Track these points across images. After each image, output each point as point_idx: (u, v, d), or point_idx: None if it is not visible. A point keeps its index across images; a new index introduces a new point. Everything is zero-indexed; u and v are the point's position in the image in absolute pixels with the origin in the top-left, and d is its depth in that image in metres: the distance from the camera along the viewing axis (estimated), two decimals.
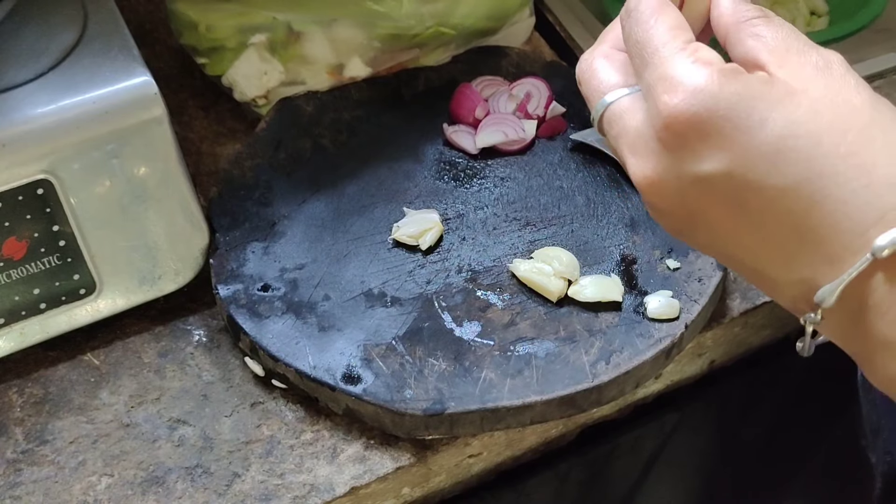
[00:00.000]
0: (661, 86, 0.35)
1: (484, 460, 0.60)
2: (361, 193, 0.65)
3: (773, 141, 0.33)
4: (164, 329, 0.61)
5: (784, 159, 0.33)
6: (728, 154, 0.33)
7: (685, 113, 0.34)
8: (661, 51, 0.35)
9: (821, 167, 0.32)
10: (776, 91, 0.34)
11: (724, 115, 0.33)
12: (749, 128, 0.33)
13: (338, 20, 0.67)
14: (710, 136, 0.33)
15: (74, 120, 0.55)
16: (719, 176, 0.34)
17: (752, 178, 0.33)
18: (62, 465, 0.55)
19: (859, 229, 0.32)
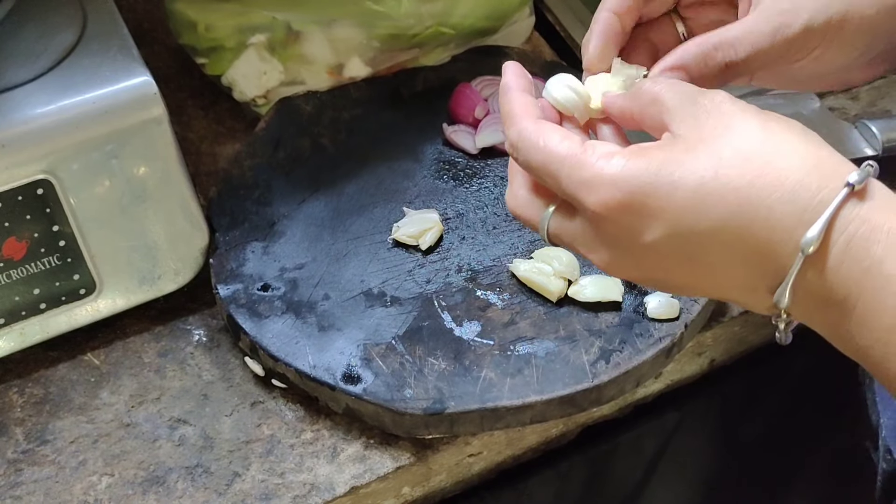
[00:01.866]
0: (583, 190, 0.39)
1: (484, 459, 0.60)
2: (361, 193, 0.65)
3: (690, 195, 0.37)
4: (164, 329, 0.61)
5: (704, 207, 0.37)
6: (661, 220, 0.38)
7: (614, 202, 0.38)
8: (568, 161, 0.40)
9: (736, 200, 0.37)
10: (677, 151, 0.38)
11: (644, 191, 0.38)
12: (667, 193, 0.38)
13: (337, 20, 0.67)
14: (640, 212, 0.38)
15: (74, 120, 0.55)
16: (661, 241, 0.38)
17: (686, 232, 0.38)
18: (63, 465, 0.55)
19: (787, 235, 0.36)
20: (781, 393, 0.78)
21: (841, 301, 0.36)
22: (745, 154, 0.37)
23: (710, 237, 0.37)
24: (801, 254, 0.36)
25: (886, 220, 0.36)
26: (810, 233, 0.36)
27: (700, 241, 0.38)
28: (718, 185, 0.37)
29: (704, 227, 0.37)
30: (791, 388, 0.78)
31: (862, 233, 0.36)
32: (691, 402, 0.70)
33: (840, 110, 0.75)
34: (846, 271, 0.36)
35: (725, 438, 0.78)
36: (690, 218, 0.37)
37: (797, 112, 0.70)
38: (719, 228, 0.37)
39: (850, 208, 0.36)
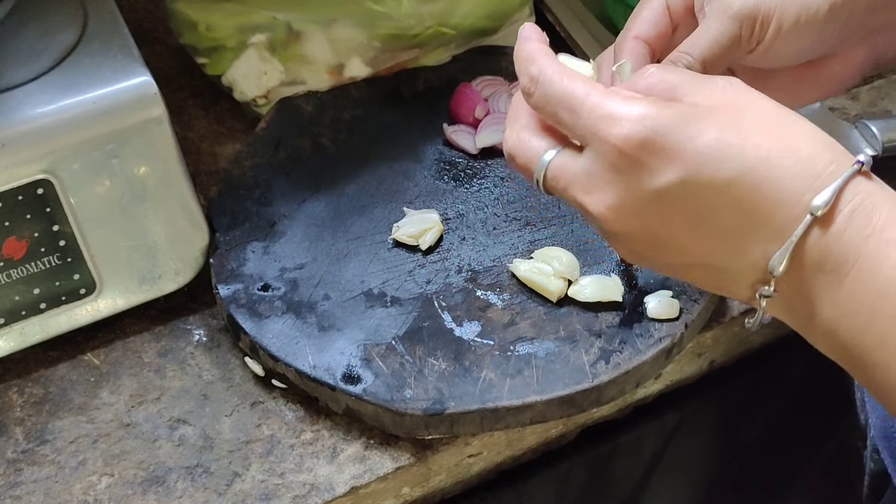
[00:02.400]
0: (605, 123, 0.40)
1: (484, 460, 0.60)
2: (361, 193, 0.65)
3: (712, 144, 0.38)
4: (164, 329, 0.61)
5: (723, 157, 0.38)
6: (678, 164, 0.39)
7: (636, 137, 0.39)
8: (591, 97, 0.41)
9: (754, 156, 0.38)
10: (700, 108, 0.40)
11: (668, 132, 0.39)
12: (690, 139, 0.39)
13: (338, 20, 0.67)
14: (660, 152, 0.39)
15: (74, 120, 0.55)
16: (675, 185, 0.39)
17: (702, 180, 0.39)
18: (62, 465, 0.55)
19: (796, 198, 0.38)
20: (781, 394, 0.78)
21: (837, 267, 0.38)
22: (764, 123, 0.39)
23: (722, 191, 0.38)
24: (809, 216, 0.37)
25: (889, 197, 0.38)
26: (821, 197, 0.37)
27: (712, 195, 0.39)
28: (739, 139, 0.38)
29: (720, 179, 0.38)
30: (791, 389, 0.78)
31: (867, 204, 0.38)
32: (691, 403, 0.70)
33: (840, 110, 0.75)
34: (848, 237, 0.37)
35: (725, 439, 0.78)
36: (708, 168, 0.38)
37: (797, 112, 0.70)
38: (734, 180, 0.38)
39: (858, 182, 0.38)
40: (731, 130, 0.39)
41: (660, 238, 0.41)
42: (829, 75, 0.51)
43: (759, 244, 0.39)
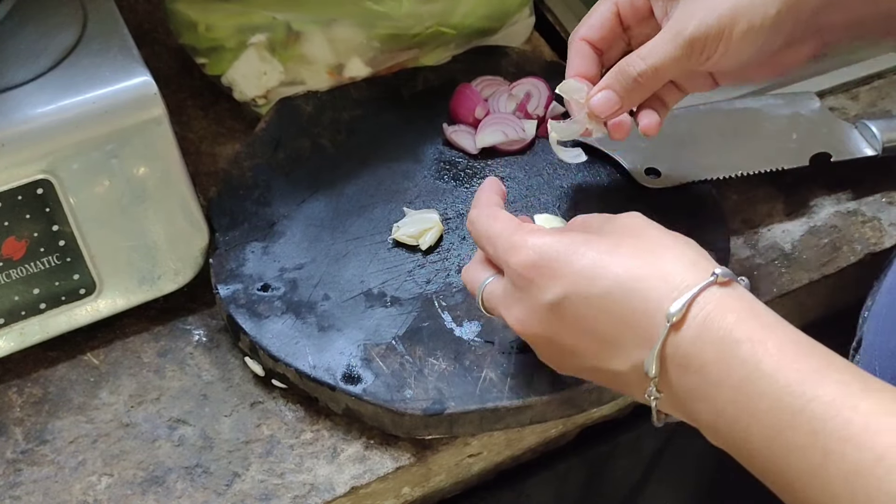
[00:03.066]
0: (510, 253, 0.48)
1: (483, 460, 0.60)
2: (361, 193, 0.65)
3: (587, 265, 0.46)
4: (163, 329, 0.61)
5: (597, 275, 0.45)
6: (561, 281, 0.46)
7: (529, 260, 0.47)
8: (503, 234, 0.49)
9: (623, 274, 0.45)
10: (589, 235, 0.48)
11: (554, 256, 0.47)
12: (570, 261, 0.46)
13: (337, 20, 0.67)
14: (547, 273, 0.47)
15: (74, 120, 0.55)
16: (560, 299, 0.46)
17: (580, 293, 0.46)
18: (62, 465, 0.55)
19: (657, 309, 0.43)
20: None
21: (699, 368, 0.42)
22: (638, 248, 0.46)
23: (597, 301, 0.45)
24: (667, 322, 0.43)
25: (737, 303, 0.43)
26: (675, 305, 0.43)
27: (590, 306, 0.45)
28: (611, 261, 0.45)
29: (594, 291, 0.45)
30: None
31: (718, 310, 0.42)
32: None
33: (840, 110, 0.75)
34: (704, 340, 0.42)
35: None
36: (584, 283, 0.46)
37: (796, 112, 0.70)
38: (605, 294, 0.45)
39: (712, 293, 0.43)
40: (607, 255, 0.46)
41: (559, 344, 0.48)
42: (777, 64, 0.57)
43: (635, 349, 0.45)
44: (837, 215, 0.68)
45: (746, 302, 0.43)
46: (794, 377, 0.40)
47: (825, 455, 0.38)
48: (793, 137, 0.68)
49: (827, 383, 0.40)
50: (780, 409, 0.40)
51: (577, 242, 0.47)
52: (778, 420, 0.40)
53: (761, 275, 0.65)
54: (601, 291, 0.45)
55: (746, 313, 0.42)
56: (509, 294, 0.49)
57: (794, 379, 0.40)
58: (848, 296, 0.67)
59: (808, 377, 0.40)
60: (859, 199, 0.69)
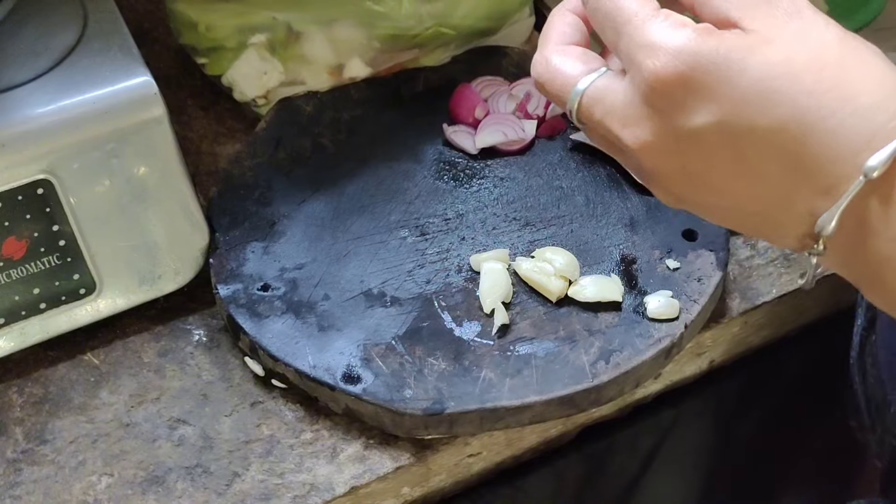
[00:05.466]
0: (643, 52, 0.36)
1: (483, 460, 0.60)
2: (361, 193, 0.65)
3: (755, 85, 0.35)
4: (163, 329, 0.61)
5: (768, 101, 0.35)
6: (716, 105, 0.35)
7: (671, 73, 0.35)
8: (634, 19, 0.37)
9: (805, 103, 0.34)
10: (750, 40, 0.35)
11: (707, 69, 0.35)
12: (730, 78, 0.35)
13: (338, 20, 0.67)
14: (696, 91, 0.35)
15: (74, 120, 0.55)
16: (712, 127, 0.35)
17: (741, 124, 0.35)
18: (62, 465, 0.55)
19: (850, 155, 0.34)
20: (779, 394, 0.78)
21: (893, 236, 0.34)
22: (823, 61, 0.35)
23: (766, 136, 0.35)
24: (862, 177, 0.34)
25: None
26: (877, 157, 0.33)
27: (754, 139, 0.35)
28: (789, 82, 0.35)
29: (764, 123, 0.35)
30: (788, 389, 0.78)
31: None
32: (689, 402, 0.70)
33: None
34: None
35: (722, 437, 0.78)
36: (751, 110, 0.35)
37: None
38: (779, 129, 0.35)
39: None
40: (782, 69, 0.35)
41: (698, 180, 0.37)
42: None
43: (807, 199, 0.35)
44: None
45: None
46: None
47: None
48: None
49: None
50: None
51: (739, 51, 0.35)
52: None
53: (761, 275, 0.65)
54: (773, 124, 0.34)
55: None
56: (632, 106, 0.37)
57: None
58: (848, 296, 0.67)
59: None
60: None
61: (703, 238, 0.63)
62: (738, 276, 0.65)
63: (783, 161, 0.35)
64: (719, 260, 0.61)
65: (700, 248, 0.62)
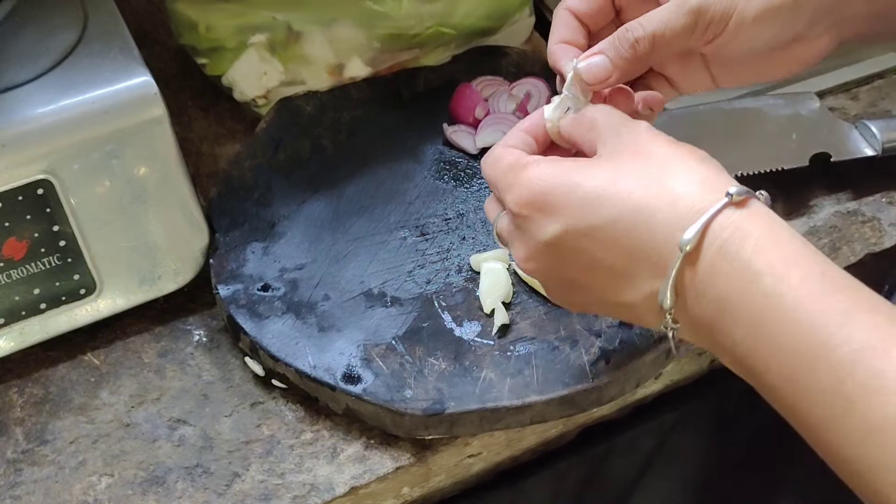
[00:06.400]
0: (506, 192, 0.46)
1: (483, 460, 0.60)
2: (361, 194, 0.65)
3: (586, 194, 0.43)
4: (164, 329, 0.61)
5: (598, 204, 0.42)
6: (560, 216, 0.43)
7: (522, 199, 0.45)
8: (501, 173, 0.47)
9: (625, 203, 0.42)
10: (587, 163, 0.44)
11: (548, 189, 0.44)
12: (566, 193, 0.43)
13: (337, 20, 0.67)
14: (544, 209, 0.44)
15: (74, 120, 0.55)
16: (561, 234, 0.44)
17: (582, 227, 0.43)
18: (62, 465, 0.55)
19: (670, 237, 0.40)
20: None
21: (716, 300, 0.40)
22: (642, 170, 0.42)
23: (600, 233, 0.42)
24: (679, 252, 0.40)
25: (757, 228, 0.39)
26: (688, 233, 0.40)
27: (593, 237, 0.42)
28: (613, 190, 0.42)
29: (596, 223, 0.42)
30: None
31: (735, 237, 0.39)
32: (690, 402, 0.70)
33: (840, 110, 0.75)
34: (719, 270, 0.39)
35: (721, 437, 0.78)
36: (584, 214, 0.43)
37: (797, 112, 0.70)
38: (608, 226, 0.42)
39: (727, 216, 0.40)
40: (608, 181, 0.42)
41: (566, 281, 0.46)
42: (792, 58, 0.51)
43: (647, 280, 0.42)
44: (837, 215, 0.68)
45: (766, 226, 0.40)
46: (820, 318, 0.37)
47: (849, 404, 0.35)
48: (793, 137, 0.68)
49: (856, 326, 0.36)
50: (802, 350, 0.37)
51: (574, 170, 0.43)
52: (799, 361, 0.37)
53: None
54: (604, 222, 0.42)
55: (767, 240, 0.39)
56: (511, 231, 0.47)
57: (820, 320, 0.37)
58: None
59: (835, 318, 0.36)
60: (859, 199, 0.69)
61: None
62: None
63: (619, 251, 0.42)
64: None
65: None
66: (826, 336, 0.36)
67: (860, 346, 0.36)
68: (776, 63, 0.51)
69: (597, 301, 0.45)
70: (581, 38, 0.52)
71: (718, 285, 0.39)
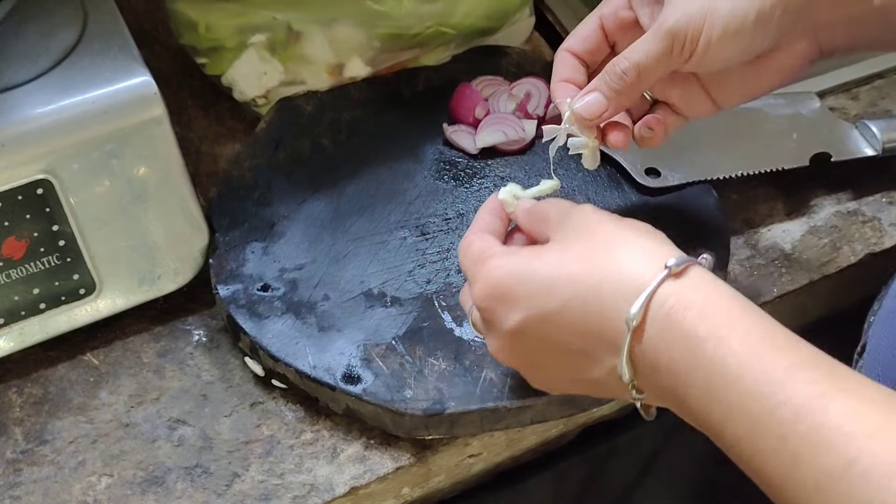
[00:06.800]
0: (473, 286, 0.48)
1: (484, 460, 0.60)
2: (361, 193, 0.65)
3: (539, 282, 0.45)
4: (163, 329, 0.61)
5: (551, 290, 0.44)
6: (518, 305, 0.45)
7: (483, 294, 0.47)
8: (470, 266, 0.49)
9: (575, 286, 0.44)
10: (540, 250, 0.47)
11: (506, 282, 0.46)
12: (522, 283, 0.45)
13: (337, 20, 0.67)
14: (503, 301, 0.46)
15: (74, 120, 0.55)
16: (521, 324, 0.46)
17: (538, 313, 0.45)
18: (62, 465, 0.55)
19: (620, 314, 0.42)
20: None
21: (668, 368, 0.42)
22: (589, 251, 0.45)
23: (557, 317, 0.44)
24: (627, 328, 0.42)
25: (699, 295, 0.42)
26: (633, 308, 0.42)
27: (551, 321, 0.45)
28: (564, 274, 0.44)
29: (552, 307, 0.44)
30: None
31: (678, 307, 0.41)
32: None
33: (840, 110, 0.75)
34: (667, 340, 0.41)
35: None
36: (541, 301, 0.45)
37: (797, 112, 0.70)
38: (563, 308, 0.44)
39: (669, 287, 0.42)
40: (558, 266, 0.45)
41: (538, 366, 0.48)
42: (777, 67, 0.53)
43: (606, 356, 0.44)
44: (837, 215, 0.68)
45: (707, 292, 0.42)
46: (762, 377, 0.39)
47: (796, 458, 0.37)
48: (793, 137, 0.68)
49: (796, 383, 0.38)
50: (748, 411, 0.39)
51: (528, 259, 0.46)
52: (749, 421, 0.39)
53: (761, 275, 0.65)
54: (559, 305, 0.44)
55: (709, 306, 0.41)
56: (482, 325, 0.49)
57: (762, 379, 0.39)
58: (848, 296, 0.67)
59: (776, 376, 0.39)
60: (859, 199, 0.69)
61: (704, 237, 0.63)
62: (739, 275, 0.65)
63: (576, 331, 0.44)
64: (720, 259, 0.61)
65: (701, 247, 0.62)
66: (769, 395, 0.38)
67: (801, 402, 0.38)
68: (762, 74, 0.54)
69: (571, 380, 0.47)
70: (580, 75, 0.56)
71: (668, 354, 0.41)
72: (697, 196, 0.65)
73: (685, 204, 0.65)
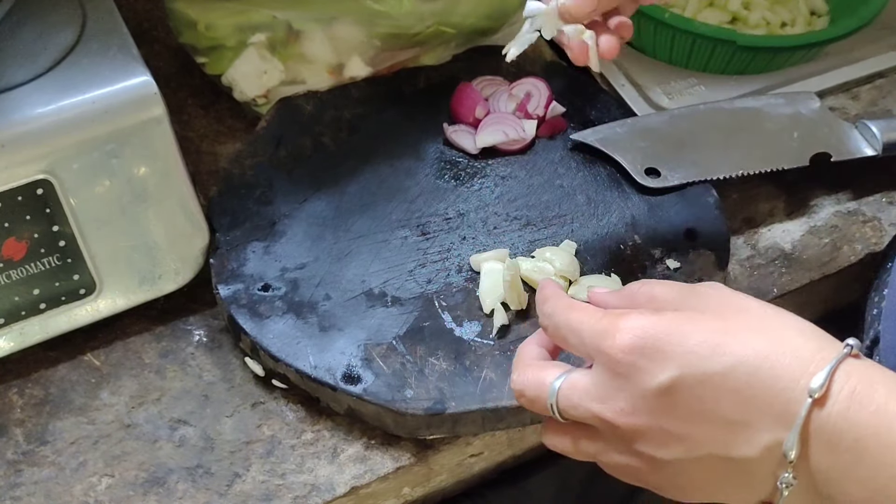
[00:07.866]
0: (603, 337, 0.43)
1: (485, 459, 0.60)
2: (362, 192, 0.65)
3: (701, 342, 0.41)
4: (164, 329, 0.61)
5: (714, 353, 0.41)
6: (672, 363, 0.41)
7: (628, 343, 0.42)
8: (590, 319, 0.45)
9: (743, 349, 0.41)
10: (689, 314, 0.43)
11: (657, 336, 0.42)
12: (680, 341, 0.42)
13: (338, 19, 0.67)
14: (653, 355, 0.42)
15: (74, 120, 0.55)
16: (674, 381, 0.41)
17: (697, 374, 0.41)
18: (63, 466, 0.55)
19: (793, 384, 0.40)
20: None
21: (853, 444, 0.39)
22: (750, 323, 0.42)
23: (719, 380, 0.41)
24: (808, 397, 0.39)
25: (881, 374, 0.40)
26: (817, 379, 0.39)
27: (710, 386, 0.41)
28: (728, 336, 0.41)
29: (715, 369, 0.41)
30: None
31: (864, 382, 0.39)
32: None
33: (840, 110, 0.75)
34: (854, 414, 0.39)
35: None
36: (700, 361, 0.41)
37: (797, 112, 0.70)
38: (728, 372, 0.41)
39: (851, 363, 0.40)
40: (719, 332, 0.42)
41: (669, 438, 0.43)
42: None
43: (766, 431, 0.41)
44: (838, 215, 0.68)
45: (885, 373, 0.41)
46: None
47: None
48: (793, 137, 0.68)
49: None
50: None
51: (680, 321, 0.43)
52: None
53: (761, 274, 0.65)
54: (723, 369, 0.41)
55: (893, 384, 0.40)
56: (604, 384, 0.44)
57: None
58: (848, 295, 0.67)
59: None
60: (859, 199, 0.69)
61: (704, 238, 0.63)
62: (739, 275, 0.65)
63: (738, 399, 0.41)
64: (720, 259, 0.61)
65: (701, 247, 0.62)
66: None
67: None
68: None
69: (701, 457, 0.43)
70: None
71: (854, 429, 0.39)
72: (697, 196, 0.65)
73: (685, 204, 0.65)
